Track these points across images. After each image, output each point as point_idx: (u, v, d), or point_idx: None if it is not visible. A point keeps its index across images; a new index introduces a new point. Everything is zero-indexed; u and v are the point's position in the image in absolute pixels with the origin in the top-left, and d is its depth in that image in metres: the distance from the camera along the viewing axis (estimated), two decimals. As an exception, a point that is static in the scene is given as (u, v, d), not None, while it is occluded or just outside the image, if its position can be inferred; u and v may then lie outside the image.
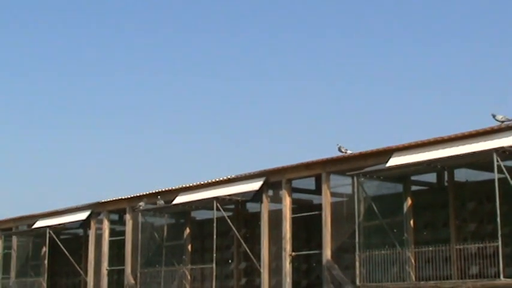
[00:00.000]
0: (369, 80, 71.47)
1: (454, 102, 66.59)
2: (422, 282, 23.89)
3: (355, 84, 72.08)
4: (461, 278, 23.44)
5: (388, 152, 25.40)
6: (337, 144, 27.55)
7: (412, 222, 25.46)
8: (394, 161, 24.87)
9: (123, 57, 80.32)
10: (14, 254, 41.78)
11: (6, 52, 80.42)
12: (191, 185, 32.23)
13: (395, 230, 25.19)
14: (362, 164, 26.18)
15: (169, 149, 78.12)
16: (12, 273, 41.49)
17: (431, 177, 26.88)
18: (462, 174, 25.78)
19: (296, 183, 29.41)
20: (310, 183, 29.67)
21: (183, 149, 77.66)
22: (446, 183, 26.44)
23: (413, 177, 26.14)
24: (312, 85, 73.99)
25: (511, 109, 61.95)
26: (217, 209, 29.84)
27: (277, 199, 29.93)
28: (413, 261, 24.68)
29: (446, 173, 26.11)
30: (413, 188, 26.37)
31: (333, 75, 73.45)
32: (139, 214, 33.47)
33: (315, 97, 74.06)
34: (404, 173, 25.34)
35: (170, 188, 33.03)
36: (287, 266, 28.58)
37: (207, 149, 76.51)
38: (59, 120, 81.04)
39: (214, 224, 29.88)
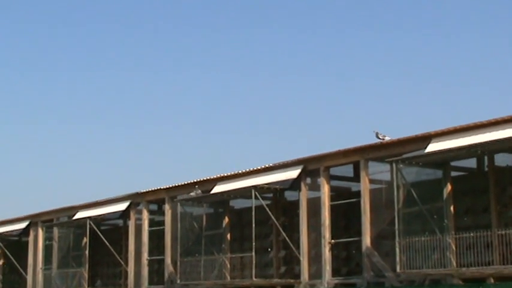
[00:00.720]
0: (406, 65, 70.97)
1: (493, 85, 65.87)
2: (463, 269, 23.66)
3: (391, 70, 71.60)
4: (503, 264, 23.17)
5: (427, 138, 25.20)
6: (374, 131, 27.37)
7: (452, 208, 25.22)
8: (433, 146, 24.65)
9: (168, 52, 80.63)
10: (55, 245, 42.20)
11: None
12: (229, 174, 32.28)
13: (435, 216, 24.97)
14: (400, 150, 26.01)
15: (207, 138, 78.40)
16: (54, 264, 41.91)
17: (471, 163, 26.59)
18: (502, 159, 25.47)
19: (334, 171, 29.31)
20: (348, 171, 29.55)
21: (221, 138, 77.89)
22: (486, 169, 26.14)
23: (452, 163, 25.85)
24: (348, 72, 73.67)
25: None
26: (256, 198, 29.83)
27: (315, 187, 29.86)
28: (454, 247, 24.44)
29: (486, 158, 25.81)
30: (453, 173, 26.09)
31: (368, 62, 73.03)
32: (178, 204, 33.59)
33: (352, 84, 73.73)
34: (443, 159, 25.09)
35: (208, 178, 33.09)
36: (326, 254, 28.51)
37: (244, 137, 76.65)
38: (97, 113, 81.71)
39: (253, 213, 29.89)
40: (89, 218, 38.53)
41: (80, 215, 39.94)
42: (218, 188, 32.33)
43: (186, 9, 79.60)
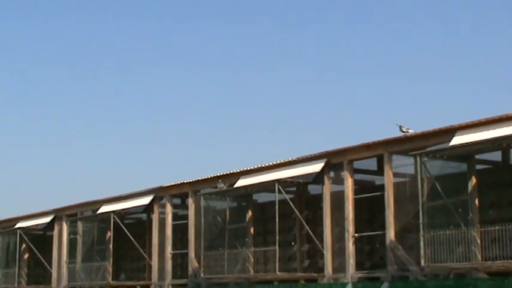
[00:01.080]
0: (429, 58, 70.60)
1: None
2: (488, 262, 23.49)
3: (414, 62, 71.26)
4: (529, 258, 23.01)
5: (452, 131, 25.03)
6: (398, 124, 27.24)
7: (477, 201, 25.06)
8: (458, 139, 24.48)
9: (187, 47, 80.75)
10: (79, 239, 42.40)
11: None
12: (252, 168, 32.27)
13: (460, 210, 24.82)
14: (424, 144, 25.86)
15: (231, 132, 78.46)
16: (78, 258, 42.10)
17: (496, 156, 26.40)
18: (528, 152, 25.29)
19: (358, 164, 29.21)
20: (372, 164, 29.43)
21: (244, 132, 77.91)
22: (511, 162, 25.94)
23: (477, 156, 25.69)
24: (371, 65, 73.40)
25: None
26: (279, 192, 29.81)
27: (339, 180, 29.78)
28: (479, 241, 24.27)
29: (511, 151, 25.60)
30: (478, 166, 25.92)
31: (391, 54, 72.72)
32: (202, 198, 33.64)
33: (374, 77, 73.46)
34: (468, 152, 24.91)
35: (232, 172, 33.11)
36: (350, 247, 28.44)
37: (268, 131, 76.64)
38: (122, 108, 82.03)
39: (277, 207, 29.87)
40: (113, 212, 38.70)
41: (103, 209, 40.12)
42: (241, 182, 32.34)
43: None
